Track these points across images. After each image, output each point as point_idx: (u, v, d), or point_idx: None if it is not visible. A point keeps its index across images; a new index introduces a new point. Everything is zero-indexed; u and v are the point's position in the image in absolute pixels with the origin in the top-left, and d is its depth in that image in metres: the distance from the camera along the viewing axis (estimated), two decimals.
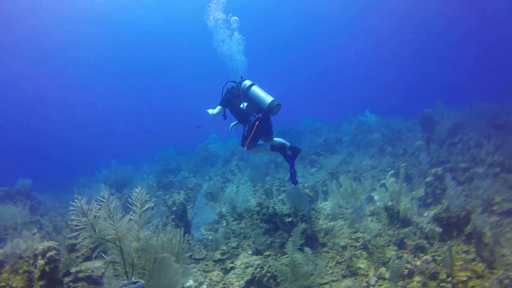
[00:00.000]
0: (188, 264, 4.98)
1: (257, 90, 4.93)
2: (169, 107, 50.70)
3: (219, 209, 7.95)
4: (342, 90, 47.89)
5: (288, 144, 5.46)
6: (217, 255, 4.89)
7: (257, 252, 4.81)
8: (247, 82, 5.07)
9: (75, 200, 2.53)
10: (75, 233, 2.62)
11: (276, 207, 7.02)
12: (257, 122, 4.74)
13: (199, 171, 11.96)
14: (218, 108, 5.25)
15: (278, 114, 5.10)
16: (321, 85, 51.60)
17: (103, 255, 3.09)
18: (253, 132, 4.74)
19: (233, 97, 5.07)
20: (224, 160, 12.65)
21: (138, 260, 2.73)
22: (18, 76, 32.57)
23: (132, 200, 2.95)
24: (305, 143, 13.36)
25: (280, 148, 5.31)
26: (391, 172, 6.53)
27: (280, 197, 7.96)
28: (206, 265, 4.85)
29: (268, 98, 4.83)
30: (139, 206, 2.84)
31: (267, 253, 4.81)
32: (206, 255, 5.05)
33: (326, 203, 7.76)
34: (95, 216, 2.63)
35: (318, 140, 13.34)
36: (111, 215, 2.70)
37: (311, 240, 5.19)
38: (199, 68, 40.63)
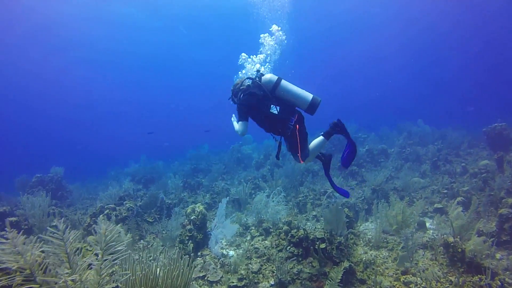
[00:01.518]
0: (200, 287, 4.31)
1: (289, 86, 3.78)
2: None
3: (244, 219, 7.26)
4: (391, 96, 44.92)
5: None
6: (234, 280, 4.16)
7: (280, 284, 4.00)
8: (271, 77, 3.81)
9: (8, 233, 1.82)
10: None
11: (307, 227, 6.16)
12: (298, 127, 3.73)
13: (230, 172, 11.39)
14: (242, 125, 3.86)
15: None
16: (369, 88, 48.94)
17: None
18: (299, 141, 3.67)
19: (257, 100, 3.75)
20: (257, 164, 11.95)
21: None
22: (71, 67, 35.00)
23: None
24: None
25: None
26: (458, 199, 5.33)
27: (314, 212, 7.06)
28: None
29: (307, 95, 3.76)
30: (101, 251, 2.03)
31: None
32: (222, 277, 4.33)
33: (367, 224, 6.71)
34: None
35: (361, 150, 12.11)
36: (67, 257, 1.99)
37: (347, 275, 4.26)
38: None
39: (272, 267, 4.53)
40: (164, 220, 5.70)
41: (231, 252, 5.60)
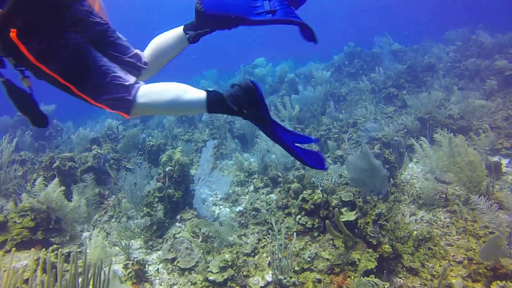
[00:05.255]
0: (171, 274, 2.98)
1: None
2: None
3: (249, 161, 5.76)
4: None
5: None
6: (214, 269, 2.77)
7: (279, 285, 2.54)
8: None
9: None
10: None
11: (329, 175, 4.52)
12: (15, 34, 1.09)
13: None
14: None
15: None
16: None
17: None
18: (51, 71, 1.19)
19: None
20: (270, 88, 10.01)
21: None
22: None
23: None
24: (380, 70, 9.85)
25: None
26: None
27: (339, 152, 5.37)
28: (193, 284, 2.79)
29: None
30: None
31: None
32: (197, 263, 2.97)
33: (412, 166, 4.98)
34: None
35: (400, 67, 9.67)
36: None
37: (389, 262, 2.73)
38: None
39: (273, 246, 3.07)
40: (136, 170, 4.27)
41: (226, 210, 4.22)
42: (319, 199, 3.00)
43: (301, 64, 11.98)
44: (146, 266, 3.09)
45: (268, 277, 2.65)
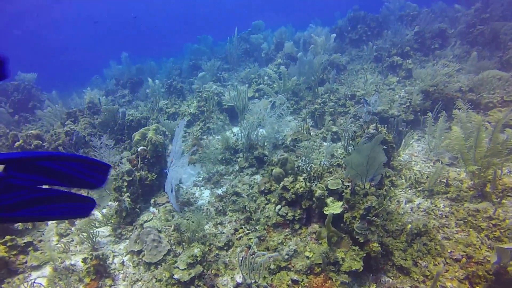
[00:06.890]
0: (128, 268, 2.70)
1: None
2: None
3: (237, 136, 5.36)
4: None
5: None
6: (182, 266, 2.48)
7: None
8: None
9: None
10: None
11: (321, 154, 4.14)
12: None
13: (232, 69, 9.03)
14: None
15: None
16: None
17: None
18: None
19: None
20: (266, 56, 9.35)
21: None
22: None
23: None
24: (387, 34, 9.09)
25: None
26: None
27: (334, 128, 4.94)
28: (159, 281, 2.51)
29: None
30: None
31: None
32: (165, 256, 2.68)
33: (413, 143, 4.54)
34: None
35: (408, 33, 8.91)
36: None
37: (378, 259, 2.41)
38: None
39: (250, 237, 2.75)
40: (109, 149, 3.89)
41: (206, 193, 3.89)
42: (302, 188, 2.64)
43: (301, 29, 11.13)
44: (112, 257, 2.83)
45: (238, 278, 2.35)
